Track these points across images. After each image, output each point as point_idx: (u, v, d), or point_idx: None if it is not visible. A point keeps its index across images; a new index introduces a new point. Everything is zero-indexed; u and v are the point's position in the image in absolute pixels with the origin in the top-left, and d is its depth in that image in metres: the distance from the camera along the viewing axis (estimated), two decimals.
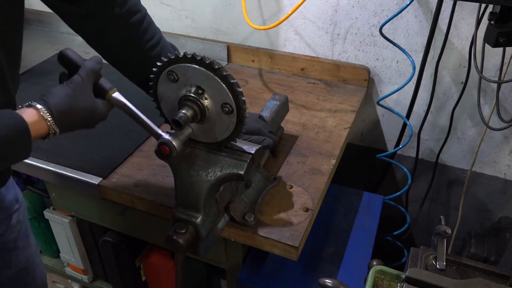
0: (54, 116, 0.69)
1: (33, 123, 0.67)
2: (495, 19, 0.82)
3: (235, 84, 0.69)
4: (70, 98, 0.71)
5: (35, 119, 0.67)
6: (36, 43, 1.60)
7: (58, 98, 0.70)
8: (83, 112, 0.73)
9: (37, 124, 0.67)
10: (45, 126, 0.68)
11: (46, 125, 0.68)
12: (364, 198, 1.24)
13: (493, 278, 0.75)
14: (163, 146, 0.71)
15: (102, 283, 1.42)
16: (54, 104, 0.69)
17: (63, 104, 0.70)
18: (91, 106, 0.74)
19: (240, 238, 0.88)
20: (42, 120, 0.68)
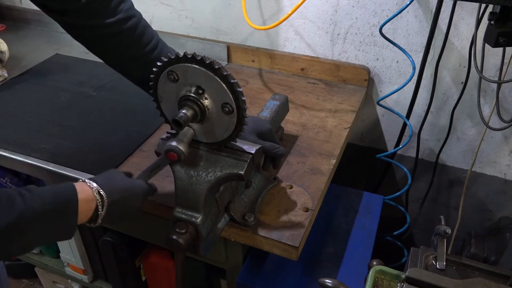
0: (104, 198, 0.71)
1: (85, 199, 0.68)
2: (495, 19, 0.82)
3: (235, 84, 0.69)
4: (126, 192, 0.75)
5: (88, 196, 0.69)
6: (36, 43, 1.60)
7: (114, 185, 0.74)
8: (129, 210, 0.76)
9: (89, 202, 0.69)
10: (94, 204, 0.70)
11: (96, 202, 0.70)
12: (364, 198, 1.24)
13: (493, 278, 0.75)
14: (170, 153, 0.72)
15: (102, 283, 1.42)
16: (109, 190, 0.72)
17: (117, 193, 0.73)
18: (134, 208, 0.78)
19: (240, 238, 0.88)
20: (93, 199, 0.70)
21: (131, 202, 0.76)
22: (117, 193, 0.73)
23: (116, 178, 0.76)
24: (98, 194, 0.70)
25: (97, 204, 0.69)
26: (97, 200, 0.69)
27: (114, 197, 0.72)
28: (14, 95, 1.29)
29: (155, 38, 0.87)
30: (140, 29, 0.84)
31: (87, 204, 0.68)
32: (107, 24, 0.80)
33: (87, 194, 0.69)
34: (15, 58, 1.47)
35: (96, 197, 0.69)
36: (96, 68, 1.41)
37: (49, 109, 1.22)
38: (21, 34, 1.66)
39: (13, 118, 1.19)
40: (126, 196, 0.74)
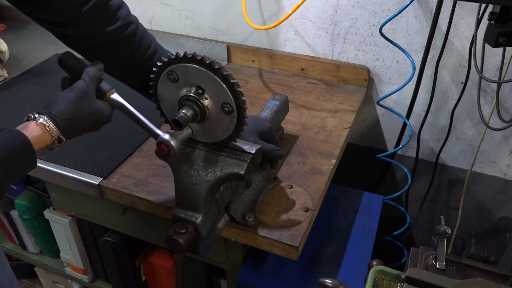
0: (60, 126, 0.70)
1: (37, 136, 0.68)
2: (495, 19, 0.82)
3: (235, 84, 0.69)
4: (75, 105, 0.72)
5: (39, 133, 0.69)
6: (36, 43, 1.60)
7: (63, 105, 0.71)
8: (89, 117, 0.74)
9: (42, 136, 0.69)
10: (49, 138, 0.70)
11: (51, 136, 0.69)
12: (364, 198, 1.24)
13: (493, 278, 0.75)
14: (161, 145, 0.72)
15: (102, 283, 1.42)
16: (59, 112, 0.70)
17: (68, 112, 0.71)
18: (95, 110, 0.75)
19: (240, 238, 0.88)
20: (46, 133, 0.69)
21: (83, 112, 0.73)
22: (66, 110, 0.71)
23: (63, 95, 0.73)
24: (49, 124, 0.69)
25: (52, 135, 0.69)
26: (50, 133, 0.69)
27: (64, 116, 0.71)
28: (14, 95, 1.29)
29: (153, 44, 0.85)
30: (139, 35, 0.83)
31: (40, 140, 0.69)
32: (107, 32, 0.79)
33: (37, 133, 0.69)
34: (15, 58, 1.47)
35: (47, 128, 0.69)
36: None
37: None
38: (21, 34, 1.66)
39: (13, 118, 1.19)
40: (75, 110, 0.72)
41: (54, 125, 0.69)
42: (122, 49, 0.82)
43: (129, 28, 0.81)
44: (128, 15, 0.82)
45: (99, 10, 0.77)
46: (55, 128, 0.69)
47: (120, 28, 0.80)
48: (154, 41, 0.86)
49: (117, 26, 0.80)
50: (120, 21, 0.80)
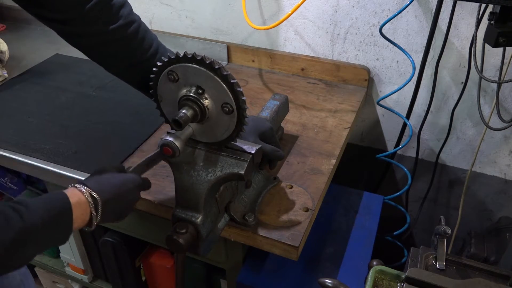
0: (99, 206, 0.71)
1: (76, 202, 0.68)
2: (495, 19, 0.82)
3: (235, 84, 0.69)
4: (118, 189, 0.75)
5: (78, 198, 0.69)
6: (36, 43, 1.60)
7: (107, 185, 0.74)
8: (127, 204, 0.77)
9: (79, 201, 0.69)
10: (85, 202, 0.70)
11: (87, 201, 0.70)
12: (364, 198, 1.24)
13: (493, 278, 0.75)
14: (165, 147, 0.72)
15: (102, 283, 1.42)
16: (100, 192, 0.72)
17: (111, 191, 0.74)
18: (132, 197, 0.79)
19: (240, 238, 0.88)
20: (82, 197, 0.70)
21: (125, 198, 0.75)
22: (109, 191, 0.72)
23: (106, 177, 0.76)
24: (90, 196, 0.70)
25: (90, 207, 0.69)
26: (90, 202, 0.69)
27: (107, 196, 0.72)
28: (14, 95, 1.29)
29: (155, 42, 0.85)
30: (141, 34, 0.83)
31: (80, 208, 0.68)
32: (110, 30, 0.79)
33: (79, 198, 0.69)
34: (15, 58, 1.47)
35: (88, 199, 0.69)
36: (96, 68, 1.39)
37: (49, 109, 1.22)
38: (21, 34, 1.66)
39: (13, 118, 1.19)
40: (119, 193, 0.74)
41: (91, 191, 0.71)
42: (124, 48, 0.82)
43: (131, 26, 0.81)
44: (131, 14, 0.82)
45: (101, 8, 0.77)
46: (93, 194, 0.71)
47: (122, 26, 0.80)
48: (156, 40, 0.87)
49: (119, 24, 0.80)
50: (122, 19, 0.80)
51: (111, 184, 0.74)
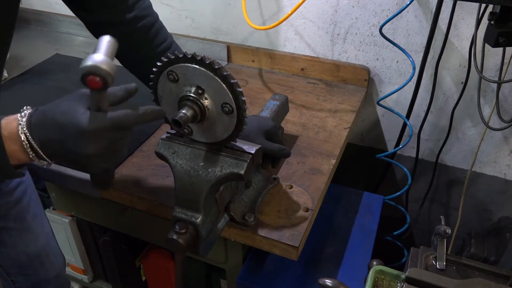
0: (30, 114, 0.61)
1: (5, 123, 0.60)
2: (495, 19, 0.82)
3: (235, 84, 0.69)
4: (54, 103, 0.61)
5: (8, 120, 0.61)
6: (36, 43, 1.60)
7: None
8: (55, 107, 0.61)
9: (10, 123, 0.61)
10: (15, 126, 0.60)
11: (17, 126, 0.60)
12: (364, 198, 1.24)
13: (493, 278, 0.75)
14: (90, 77, 0.56)
15: (102, 283, 1.42)
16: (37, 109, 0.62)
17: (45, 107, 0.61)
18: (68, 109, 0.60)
19: (240, 238, 0.88)
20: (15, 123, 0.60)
21: (70, 141, 0.59)
22: (48, 129, 0.59)
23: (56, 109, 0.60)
24: (23, 132, 0.60)
25: (24, 145, 0.60)
26: (22, 140, 0.59)
27: (45, 135, 0.59)
28: (14, 95, 1.29)
29: (168, 40, 0.87)
30: (155, 29, 0.85)
31: (12, 142, 0.60)
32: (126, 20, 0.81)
33: (10, 132, 0.60)
34: (15, 58, 1.47)
35: (20, 135, 0.59)
36: None
37: None
38: (21, 34, 1.66)
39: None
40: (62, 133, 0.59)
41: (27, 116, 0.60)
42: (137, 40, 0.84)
43: (145, 19, 0.84)
44: (147, 9, 0.86)
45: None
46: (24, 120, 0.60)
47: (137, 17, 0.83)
48: (170, 39, 0.89)
49: (134, 15, 0.83)
50: (136, 11, 0.83)
51: (52, 119, 0.59)
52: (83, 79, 0.55)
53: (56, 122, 0.59)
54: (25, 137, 0.60)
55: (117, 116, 0.60)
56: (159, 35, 0.86)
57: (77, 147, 0.59)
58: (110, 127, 0.59)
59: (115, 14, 0.82)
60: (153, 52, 0.85)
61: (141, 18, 0.84)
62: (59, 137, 0.59)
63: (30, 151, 0.60)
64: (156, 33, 0.85)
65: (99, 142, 0.59)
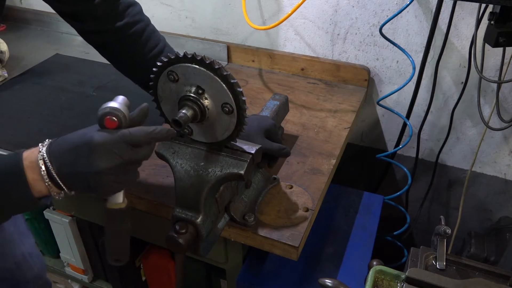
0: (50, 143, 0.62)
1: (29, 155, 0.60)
2: (495, 19, 0.82)
3: (235, 84, 0.69)
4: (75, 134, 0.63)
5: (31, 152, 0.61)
6: (36, 43, 1.60)
7: None
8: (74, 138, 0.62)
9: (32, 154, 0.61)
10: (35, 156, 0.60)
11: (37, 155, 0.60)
12: (364, 198, 1.24)
13: (493, 278, 0.75)
14: (107, 117, 0.61)
15: (102, 283, 1.42)
16: None
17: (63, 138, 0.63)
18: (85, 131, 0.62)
19: (240, 238, 0.88)
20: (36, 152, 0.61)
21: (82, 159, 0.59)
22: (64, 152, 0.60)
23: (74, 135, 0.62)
24: (42, 159, 0.60)
25: (42, 174, 0.60)
26: (41, 168, 0.59)
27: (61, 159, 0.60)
28: (14, 95, 1.29)
29: (161, 43, 0.88)
30: (147, 34, 0.86)
31: (33, 172, 0.60)
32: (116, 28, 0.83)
33: (30, 161, 0.60)
34: (15, 58, 1.47)
35: (39, 163, 0.59)
36: (96, 68, 1.41)
37: (49, 109, 1.22)
38: (21, 34, 1.66)
39: (13, 118, 1.19)
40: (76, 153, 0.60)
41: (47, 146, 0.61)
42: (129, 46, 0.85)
43: (136, 25, 0.85)
44: (138, 14, 0.86)
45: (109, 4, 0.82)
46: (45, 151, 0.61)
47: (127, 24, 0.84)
48: (163, 42, 0.90)
49: (125, 22, 0.83)
50: (128, 18, 0.84)
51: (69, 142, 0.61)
52: (101, 120, 0.60)
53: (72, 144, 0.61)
54: (43, 163, 0.60)
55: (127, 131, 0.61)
56: (151, 40, 0.87)
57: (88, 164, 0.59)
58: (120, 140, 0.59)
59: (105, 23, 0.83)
60: (145, 57, 0.86)
61: (132, 25, 0.85)
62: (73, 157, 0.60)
63: (47, 179, 0.60)
64: (147, 38, 0.86)
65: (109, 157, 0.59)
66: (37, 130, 1.14)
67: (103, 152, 0.58)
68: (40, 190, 0.61)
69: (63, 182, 0.61)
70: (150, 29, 0.87)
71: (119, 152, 0.59)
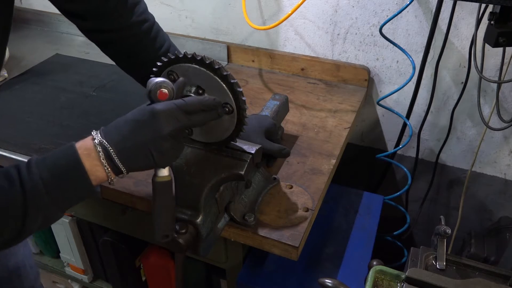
0: (102, 128, 0.64)
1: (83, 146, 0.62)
2: (495, 19, 0.82)
3: (235, 84, 0.69)
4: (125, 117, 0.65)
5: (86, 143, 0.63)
6: (36, 43, 1.60)
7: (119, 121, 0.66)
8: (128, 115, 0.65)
9: (86, 143, 0.63)
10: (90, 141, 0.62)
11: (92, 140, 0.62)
12: (364, 198, 1.24)
13: (493, 278, 0.75)
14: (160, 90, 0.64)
15: (102, 283, 1.42)
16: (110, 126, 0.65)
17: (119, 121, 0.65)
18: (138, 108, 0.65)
19: (240, 238, 0.88)
20: (89, 138, 0.63)
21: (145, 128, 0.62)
22: (122, 129, 0.63)
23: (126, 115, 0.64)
24: (99, 144, 0.62)
25: (100, 156, 0.62)
26: (98, 151, 0.61)
27: (117, 139, 0.62)
28: (14, 95, 1.29)
29: (167, 42, 0.88)
30: (154, 33, 0.85)
31: (91, 158, 0.62)
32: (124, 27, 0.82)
33: (86, 147, 0.62)
34: (15, 58, 1.47)
35: (96, 147, 0.62)
36: (96, 68, 1.41)
37: (49, 109, 1.22)
38: (21, 34, 1.66)
39: (13, 118, 1.19)
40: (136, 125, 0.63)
41: (99, 131, 0.64)
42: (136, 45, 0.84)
43: (144, 25, 0.84)
44: (144, 13, 0.85)
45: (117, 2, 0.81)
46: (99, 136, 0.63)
47: (135, 24, 0.83)
48: (168, 41, 0.89)
49: (133, 21, 0.82)
50: (135, 16, 0.83)
51: (125, 120, 0.64)
52: (154, 92, 0.63)
53: (130, 119, 0.63)
54: (100, 146, 0.62)
55: (181, 100, 0.65)
56: (158, 38, 0.86)
57: (153, 131, 0.62)
58: (178, 107, 0.63)
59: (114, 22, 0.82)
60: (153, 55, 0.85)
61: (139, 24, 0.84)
62: (134, 129, 0.63)
63: (105, 163, 0.62)
64: (155, 36, 0.86)
65: (171, 122, 0.63)
66: (37, 130, 1.14)
67: (166, 117, 0.62)
68: (97, 176, 0.63)
69: (121, 161, 0.63)
70: (156, 27, 0.87)
71: (179, 118, 0.63)
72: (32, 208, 0.58)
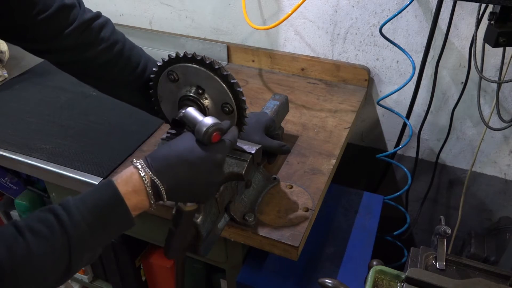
0: (149, 163, 0.64)
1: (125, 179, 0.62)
2: (495, 19, 0.82)
3: (235, 84, 0.69)
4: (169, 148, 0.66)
5: (127, 175, 0.63)
6: None
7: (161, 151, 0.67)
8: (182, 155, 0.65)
9: (130, 178, 0.63)
10: (138, 179, 0.63)
11: (139, 177, 0.62)
12: (364, 198, 1.24)
13: (493, 278, 0.75)
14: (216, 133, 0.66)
15: (102, 283, 1.42)
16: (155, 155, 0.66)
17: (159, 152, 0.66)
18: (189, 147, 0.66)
19: (240, 238, 0.88)
20: (135, 173, 0.63)
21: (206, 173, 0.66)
22: (176, 170, 0.64)
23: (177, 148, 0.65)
24: (150, 183, 0.63)
25: (149, 195, 0.63)
26: (148, 192, 0.63)
27: (171, 181, 0.63)
28: (14, 95, 1.29)
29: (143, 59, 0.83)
30: (126, 53, 0.80)
31: (137, 195, 0.63)
32: (93, 55, 0.77)
33: (133, 185, 0.62)
34: (15, 58, 1.47)
35: (147, 188, 0.63)
36: None
37: (49, 109, 1.22)
38: None
39: (13, 118, 1.19)
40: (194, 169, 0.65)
41: (147, 165, 0.64)
42: (112, 70, 0.80)
43: (115, 48, 0.79)
44: (113, 34, 0.80)
45: (81, 33, 0.75)
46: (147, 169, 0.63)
47: (105, 49, 0.78)
48: (144, 56, 0.84)
49: (102, 48, 0.77)
50: (104, 42, 0.78)
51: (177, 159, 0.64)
52: (209, 136, 0.65)
53: (183, 158, 0.65)
54: (151, 184, 0.63)
55: (229, 141, 0.69)
56: (132, 57, 0.81)
57: (214, 177, 0.68)
58: (230, 149, 0.70)
59: (81, 52, 0.77)
60: (130, 76, 0.81)
61: (110, 48, 0.78)
62: (191, 172, 0.65)
63: (153, 198, 0.64)
64: (128, 57, 0.81)
65: (223, 168, 0.71)
66: (37, 130, 1.14)
67: (222, 165, 0.69)
68: (140, 209, 0.65)
69: (169, 197, 0.65)
70: (128, 47, 0.81)
71: None
72: (78, 252, 0.58)
